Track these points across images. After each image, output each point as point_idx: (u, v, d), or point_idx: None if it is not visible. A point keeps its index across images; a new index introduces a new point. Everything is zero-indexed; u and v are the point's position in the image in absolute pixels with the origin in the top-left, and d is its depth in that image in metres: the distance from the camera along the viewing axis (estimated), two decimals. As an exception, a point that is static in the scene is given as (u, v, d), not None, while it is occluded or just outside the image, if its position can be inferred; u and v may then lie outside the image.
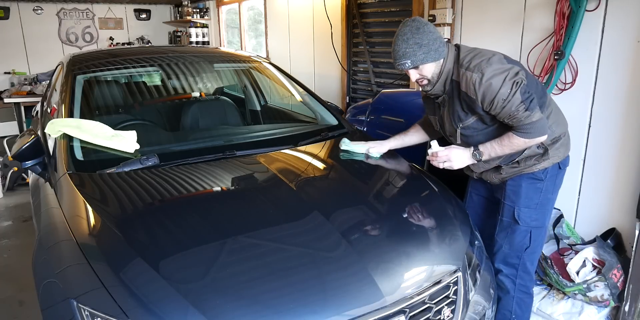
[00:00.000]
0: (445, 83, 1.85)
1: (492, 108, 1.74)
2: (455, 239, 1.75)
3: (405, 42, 1.76)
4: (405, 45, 1.76)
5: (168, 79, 3.02)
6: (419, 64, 1.79)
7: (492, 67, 1.71)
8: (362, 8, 4.06)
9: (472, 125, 1.87)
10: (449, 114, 1.91)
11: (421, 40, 1.75)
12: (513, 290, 2.04)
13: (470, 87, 1.74)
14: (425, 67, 1.80)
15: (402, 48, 1.77)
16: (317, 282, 1.44)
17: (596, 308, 2.25)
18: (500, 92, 1.69)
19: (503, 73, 1.71)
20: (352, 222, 1.71)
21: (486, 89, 1.71)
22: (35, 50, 6.87)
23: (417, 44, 1.75)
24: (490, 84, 1.69)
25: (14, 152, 2.00)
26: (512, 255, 2.01)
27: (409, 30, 1.76)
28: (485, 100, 1.73)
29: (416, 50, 1.75)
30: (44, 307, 1.46)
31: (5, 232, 3.65)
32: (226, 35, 7.02)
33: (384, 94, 3.33)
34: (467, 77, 1.74)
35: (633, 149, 2.27)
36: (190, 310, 1.29)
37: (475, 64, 1.74)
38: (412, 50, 1.76)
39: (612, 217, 2.42)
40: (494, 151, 1.84)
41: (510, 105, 1.70)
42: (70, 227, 1.60)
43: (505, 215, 2.00)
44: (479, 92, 1.72)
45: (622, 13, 2.23)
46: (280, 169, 2.00)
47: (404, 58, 1.78)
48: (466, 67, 1.75)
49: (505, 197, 1.99)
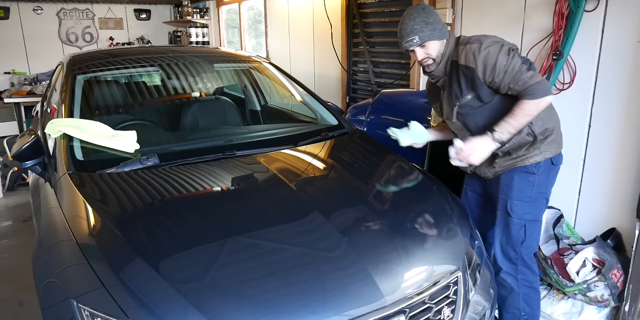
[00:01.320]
0: (446, 64, 1.92)
1: (494, 75, 1.78)
2: (455, 238, 1.75)
3: (413, 19, 1.83)
4: (412, 23, 1.83)
5: (168, 79, 3.02)
6: (426, 41, 1.85)
7: (489, 38, 1.82)
8: (362, 8, 4.06)
9: (469, 103, 1.91)
10: (448, 95, 1.97)
11: (427, 18, 1.83)
12: (517, 287, 2.03)
13: (470, 56, 1.81)
14: (431, 45, 1.87)
15: (409, 25, 1.84)
16: (317, 282, 1.44)
17: (596, 308, 2.25)
18: (500, 58, 1.76)
19: (499, 42, 1.81)
20: (352, 222, 1.71)
21: (485, 56, 1.78)
22: (35, 50, 6.87)
23: (424, 21, 1.83)
24: (489, 52, 1.78)
25: (14, 152, 2.00)
26: (510, 250, 2.02)
27: (415, 11, 1.85)
28: (486, 68, 1.79)
29: (423, 27, 1.83)
30: (44, 307, 1.46)
31: (5, 232, 3.65)
32: (226, 35, 7.02)
33: (384, 94, 3.33)
34: (467, 49, 1.82)
35: (633, 149, 2.27)
36: (190, 310, 1.29)
37: (475, 38, 1.85)
38: (419, 26, 1.83)
39: (612, 217, 2.42)
40: (510, 126, 1.79)
41: (512, 68, 1.76)
42: (70, 227, 1.60)
43: (499, 209, 2.01)
44: (478, 59, 1.79)
45: (621, 13, 2.23)
46: (280, 169, 2.00)
47: (412, 34, 1.84)
48: (465, 42, 1.85)
49: (499, 191, 2.00)
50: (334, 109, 2.81)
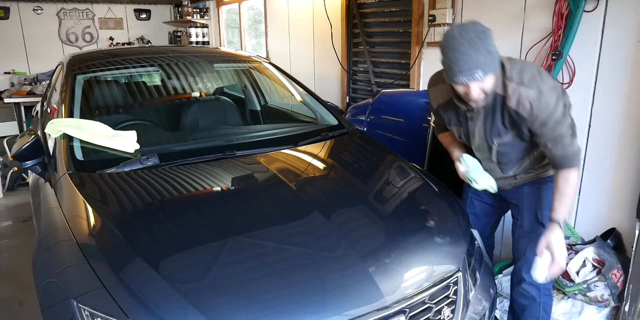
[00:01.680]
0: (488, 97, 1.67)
1: (540, 128, 1.62)
2: (455, 239, 1.75)
3: (476, 49, 1.48)
4: (475, 53, 1.48)
5: (168, 79, 3.03)
6: (490, 74, 1.55)
7: (547, 84, 1.58)
8: (362, 8, 4.05)
9: (509, 142, 1.75)
10: (483, 128, 1.76)
11: (489, 46, 1.51)
12: (539, 297, 2.00)
13: (525, 104, 1.58)
14: (489, 79, 1.58)
15: (473, 57, 1.48)
16: (317, 282, 1.44)
17: (596, 308, 2.25)
18: (556, 112, 1.58)
19: (556, 91, 1.59)
20: (352, 222, 1.71)
21: (542, 108, 1.57)
22: (35, 50, 6.86)
23: (487, 51, 1.50)
24: (547, 103, 1.57)
25: (14, 152, 2.01)
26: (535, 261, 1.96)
27: (475, 36, 1.49)
28: (537, 119, 1.60)
29: (488, 58, 1.50)
30: (44, 307, 1.46)
31: (5, 232, 3.66)
32: (226, 35, 7.02)
33: (384, 94, 3.33)
34: (522, 93, 1.58)
35: (633, 149, 2.27)
36: (190, 310, 1.29)
37: (530, 79, 1.58)
38: (484, 58, 1.49)
39: (612, 217, 2.41)
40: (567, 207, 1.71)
41: (560, 128, 1.61)
42: (70, 227, 1.60)
43: (525, 220, 1.94)
44: (533, 110, 1.58)
45: (621, 13, 2.23)
46: (280, 169, 2.00)
47: (475, 68, 1.50)
48: (518, 82, 1.59)
49: (522, 202, 1.93)
50: (334, 109, 2.81)
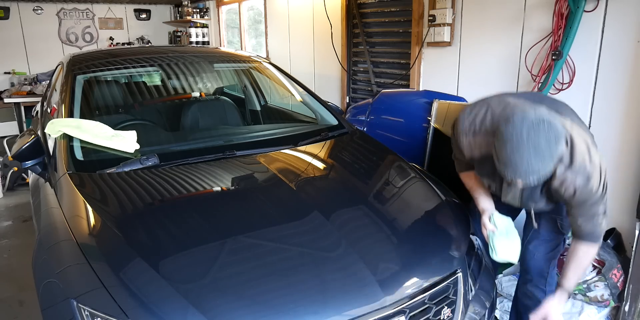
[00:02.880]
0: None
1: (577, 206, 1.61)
2: (455, 239, 1.75)
3: (541, 158, 1.40)
4: (538, 162, 1.40)
5: (168, 79, 3.02)
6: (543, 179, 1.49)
7: (595, 164, 1.54)
8: (362, 8, 4.05)
9: (541, 207, 1.77)
10: (520, 194, 1.73)
11: (555, 152, 1.42)
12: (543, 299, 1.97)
13: (570, 189, 1.55)
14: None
15: (533, 164, 1.40)
16: (317, 282, 1.44)
17: (596, 308, 2.25)
18: (596, 195, 1.56)
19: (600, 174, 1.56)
20: (352, 222, 1.71)
21: (586, 193, 1.55)
22: (35, 50, 6.86)
23: (551, 157, 1.42)
24: (592, 188, 1.54)
25: (14, 152, 2.00)
26: (545, 265, 1.98)
27: (545, 141, 1.39)
28: (577, 201, 1.59)
29: (547, 164, 1.42)
30: (44, 307, 1.46)
31: (5, 232, 3.65)
32: (226, 35, 7.02)
33: (384, 94, 3.33)
34: (568, 178, 1.53)
35: (633, 149, 2.27)
36: (190, 310, 1.29)
37: (580, 163, 1.52)
38: (544, 166, 1.42)
39: (612, 217, 2.41)
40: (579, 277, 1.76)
41: (596, 208, 1.60)
42: (70, 227, 1.60)
43: (544, 227, 1.92)
44: (577, 194, 1.56)
45: (621, 13, 2.23)
46: (280, 169, 2.00)
47: (531, 174, 1.42)
48: (567, 165, 1.52)
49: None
50: (334, 109, 2.81)
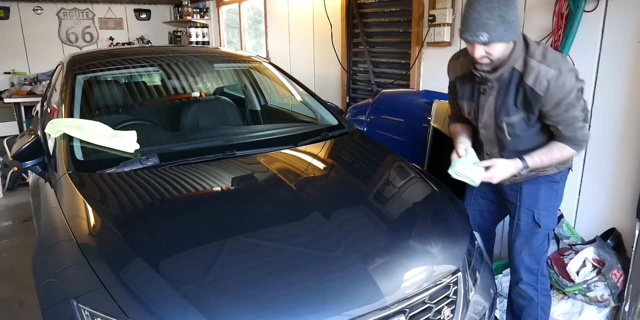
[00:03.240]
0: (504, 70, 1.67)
1: (553, 110, 1.63)
2: (455, 239, 1.75)
3: (489, 11, 1.51)
4: (488, 15, 1.51)
5: (168, 79, 3.02)
6: (495, 41, 1.56)
7: (568, 66, 1.60)
8: (362, 8, 4.05)
9: (516, 123, 1.74)
10: (494, 104, 1.75)
11: (507, 14, 1.52)
12: (537, 297, 2.01)
13: (543, 82, 1.59)
14: (497, 46, 1.59)
15: (482, 17, 1.52)
16: (317, 282, 1.44)
17: (596, 308, 2.25)
18: (570, 95, 1.60)
19: (574, 73, 1.61)
20: (352, 222, 1.71)
21: (559, 88, 1.59)
22: (35, 50, 6.86)
23: (501, 17, 1.52)
24: (565, 84, 1.58)
25: (14, 152, 2.00)
26: (533, 262, 1.97)
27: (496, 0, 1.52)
28: (552, 99, 1.61)
29: (499, 23, 1.52)
30: (44, 307, 1.46)
31: (5, 232, 3.66)
32: (226, 35, 7.02)
33: (384, 94, 3.33)
34: (541, 71, 1.59)
35: (633, 149, 2.27)
36: (190, 310, 1.29)
37: (552, 59, 1.60)
38: (494, 22, 1.52)
39: (612, 217, 2.41)
40: (541, 162, 1.75)
41: (573, 111, 1.63)
42: (70, 227, 1.60)
43: (523, 220, 1.93)
44: (550, 89, 1.59)
45: (622, 14, 2.23)
46: (280, 169, 2.00)
47: (481, 29, 1.53)
48: (540, 60, 1.60)
49: (521, 201, 1.92)
50: (334, 109, 2.81)
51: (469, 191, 2.17)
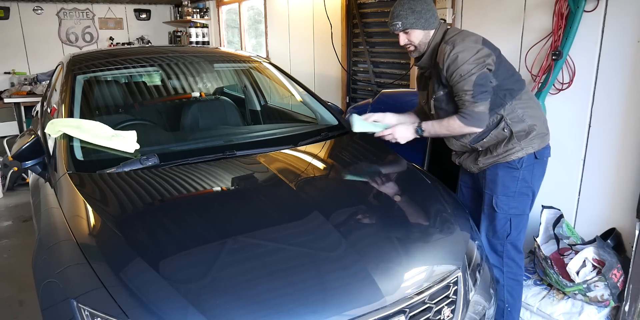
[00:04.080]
0: (431, 57, 1.98)
1: (450, 81, 1.88)
2: (455, 238, 1.75)
3: (401, 5, 1.92)
4: (400, 8, 1.92)
5: (168, 79, 3.02)
6: (408, 28, 1.93)
7: (464, 43, 1.85)
8: (362, 8, 4.05)
9: (441, 98, 1.99)
10: (432, 86, 2.03)
11: (415, 6, 1.90)
12: (502, 279, 2.11)
13: (441, 57, 1.88)
14: (414, 33, 1.95)
15: (396, 10, 1.93)
16: (317, 282, 1.44)
17: (596, 308, 2.25)
18: (462, 67, 1.82)
19: (471, 51, 1.84)
20: (352, 222, 1.71)
21: (452, 61, 1.84)
22: (35, 50, 6.86)
23: (410, 8, 1.91)
24: (457, 57, 1.83)
25: (14, 152, 2.00)
26: (496, 244, 2.09)
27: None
28: (447, 71, 1.87)
29: (408, 14, 1.91)
30: (44, 307, 1.46)
31: (5, 232, 3.66)
32: (226, 35, 7.02)
33: (384, 94, 3.33)
34: (441, 49, 1.90)
35: (633, 149, 2.27)
36: (190, 310, 1.29)
37: (452, 39, 1.89)
38: (404, 13, 1.91)
39: (612, 217, 2.41)
40: (433, 129, 2.01)
41: (462, 84, 1.84)
42: (70, 227, 1.60)
43: (486, 204, 2.07)
44: (446, 62, 1.86)
45: (622, 13, 2.23)
46: (280, 169, 2.00)
47: (396, 19, 1.93)
48: (445, 41, 1.91)
49: (485, 187, 2.06)
50: (334, 109, 2.81)
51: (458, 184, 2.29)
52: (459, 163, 2.16)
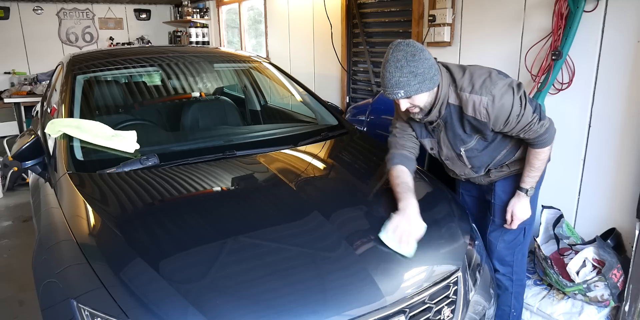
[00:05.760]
0: (440, 108, 1.72)
1: (506, 126, 1.68)
2: (455, 238, 1.75)
3: (399, 69, 1.59)
4: (399, 74, 1.59)
5: (168, 79, 3.03)
6: (413, 95, 1.63)
7: (498, 86, 1.62)
8: (362, 8, 4.05)
9: (475, 146, 1.82)
10: (447, 138, 1.83)
11: (416, 68, 1.58)
12: (511, 287, 2.09)
13: (482, 111, 1.64)
14: (418, 97, 1.66)
15: (395, 76, 1.60)
16: (317, 282, 1.44)
17: (596, 308, 2.25)
18: (514, 109, 1.63)
19: (509, 89, 1.63)
20: (352, 222, 1.71)
21: (499, 110, 1.63)
22: (35, 50, 6.86)
23: (412, 72, 1.58)
24: (503, 104, 1.62)
25: (14, 152, 2.01)
26: (507, 254, 2.04)
27: (403, 57, 1.58)
28: (498, 121, 1.66)
29: (411, 79, 1.59)
30: (44, 307, 1.46)
31: (5, 232, 3.65)
32: (226, 35, 7.02)
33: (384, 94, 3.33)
34: (476, 101, 1.63)
35: (633, 149, 2.27)
36: (190, 310, 1.29)
37: (480, 86, 1.63)
38: (406, 79, 1.59)
39: (612, 217, 2.41)
40: (535, 177, 1.84)
41: (525, 119, 1.65)
42: (70, 227, 1.60)
43: (497, 216, 2.01)
44: (491, 114, 1.64)
45: (621, 13, 2.23)
46: (280, 169, 2.00)
47: (396, 88, 1.61)
48: (470, 91, 1.64)
49: (495, 198, 1.99)
50: (334, 109, 2.81)
51: (457, 190, 2.24)
52: (465, 179, 2.04)
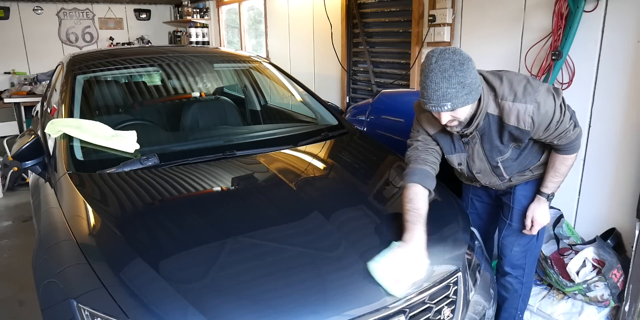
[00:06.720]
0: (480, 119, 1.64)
1: (545, 133, 1.65)
2: (455, 239, 1.75)
3: (447, 80, 1.44)
4: (446, 84, 1.45)
5: (168, 79, 3.02)
6: (459, 107, 1.51)
7: (541, 92, 1.57)
8: (362, 8, 4.06)
9: (510, 156, 1.78)
10: (483, 151, 1.77)
11: (465, 79, 1.46)
12: (521, 289, 2.08)
13: (527, 119, 1.58)
14: (462, 109, 1.54)
15: (442, 87, 1.45)
16: (317, 282, 1.44)
17: (596, 308, 2.25)
18: (555, 116, 1.60)
19: (550, 94, 1.58)
20: (352, 222, 1.71)
21: (543, 117, 1.58)
22: (35, 50, 6.86)
23: (460, 83, 1.45)
24: (547, 111, 1.58)
25: (14, 152, 2.01)
26: (520, 257, 2.02)
27: (450, 66, 1.44)
28: (540, 128, 1.62)
29: (459, 90, 1.46)
30: (44, 307, 1.46)
31: (5, 232, 3.65)
32: (226, 35, 7.02)
33: (384, 94, 3.33)
34: (520, 110, 1.56)
35: (633, 149, 2.27)
36: (190, 310, 1.29)
37: (523, 93, 1.56)
38: (454, 90, 1.46)
39: (612, 217, 2.41)
40: (558, 183, 1.84)
41: (563, 126, 1.63)
42: (70, 227, 1.60)
43: (514, 220, 1.98)
44: (536, 122, 1.59)
45: (621, 13, 2.23)
46: (280, 169, 2.00)
47: (443, 100, 1.47)
48: (513, 99, 1.57)
49: (514, 202, 1.96)
50: (334, 109, 2.81)
51: (466, 195, 2.20)
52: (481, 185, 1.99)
